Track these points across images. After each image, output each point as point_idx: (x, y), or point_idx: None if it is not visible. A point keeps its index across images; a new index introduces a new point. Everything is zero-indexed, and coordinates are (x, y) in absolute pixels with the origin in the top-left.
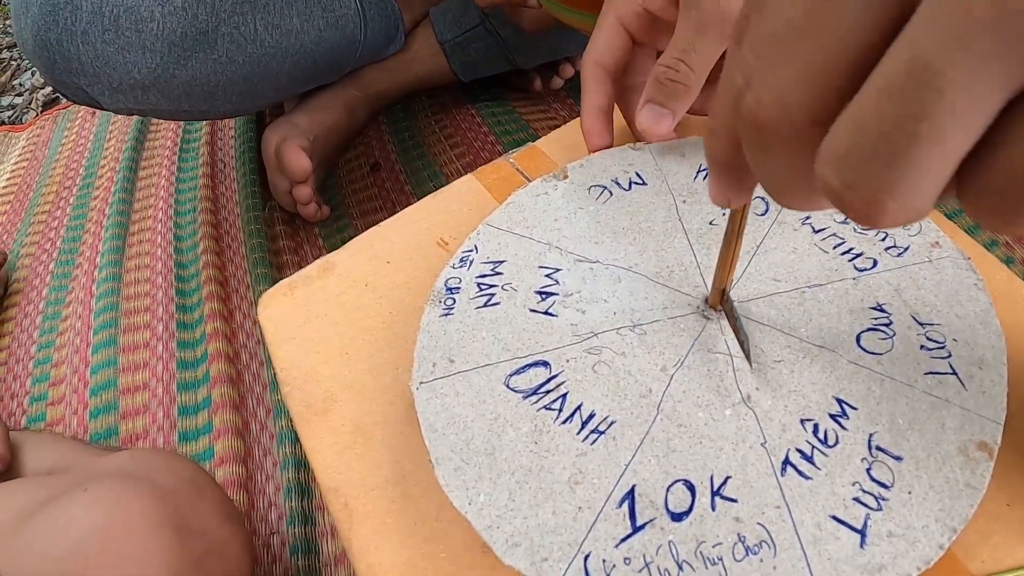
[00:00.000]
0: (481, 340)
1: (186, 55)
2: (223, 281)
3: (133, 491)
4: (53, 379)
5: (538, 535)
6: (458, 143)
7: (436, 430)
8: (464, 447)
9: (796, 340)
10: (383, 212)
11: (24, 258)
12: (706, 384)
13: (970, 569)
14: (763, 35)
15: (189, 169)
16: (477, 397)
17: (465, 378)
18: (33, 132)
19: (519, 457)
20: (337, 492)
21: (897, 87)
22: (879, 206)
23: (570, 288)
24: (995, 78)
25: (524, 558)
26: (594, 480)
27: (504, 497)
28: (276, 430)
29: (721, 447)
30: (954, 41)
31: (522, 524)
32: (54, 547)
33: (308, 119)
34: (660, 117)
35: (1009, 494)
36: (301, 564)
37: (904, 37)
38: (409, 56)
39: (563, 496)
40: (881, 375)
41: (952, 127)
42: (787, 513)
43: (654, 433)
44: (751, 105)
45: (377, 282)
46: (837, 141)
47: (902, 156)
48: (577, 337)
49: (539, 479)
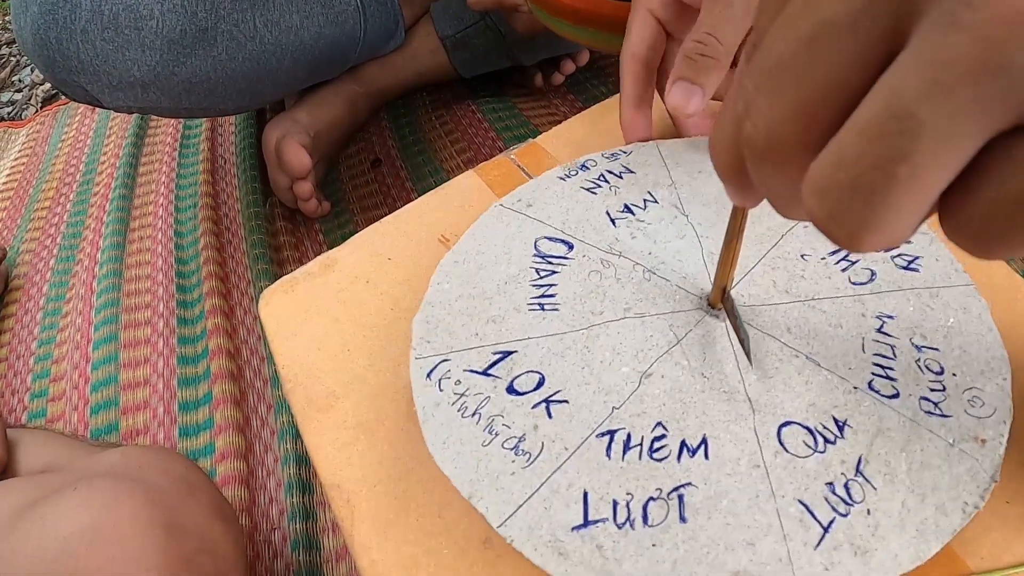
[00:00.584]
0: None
1: (186, 53)
2: (224, 277)
3: (123, 491)
4: (54, 375)
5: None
6: (459, 139)
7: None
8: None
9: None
10: (384, 208)
11: (24, 254)
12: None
13: (969, 565)
14: (760, 68)
15: (189, 165)
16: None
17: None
18: (33, 128)
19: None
20: (339, 488)
21: (877, 130)
22: (859, 237)
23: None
24: (974, 125)
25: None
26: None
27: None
28: (277, 426)
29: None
30: (935, 90)
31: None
32: (43, 547)
33: (309, 115)
34: (691, 94)
35: (1008, 492)
36: (302, 560)
37: (886, 81)
38: (410, 52)
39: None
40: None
41: (930, 169)
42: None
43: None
44: (750, 131)
45: (378, 278)
46: (821, 174)
47: (881, 194)
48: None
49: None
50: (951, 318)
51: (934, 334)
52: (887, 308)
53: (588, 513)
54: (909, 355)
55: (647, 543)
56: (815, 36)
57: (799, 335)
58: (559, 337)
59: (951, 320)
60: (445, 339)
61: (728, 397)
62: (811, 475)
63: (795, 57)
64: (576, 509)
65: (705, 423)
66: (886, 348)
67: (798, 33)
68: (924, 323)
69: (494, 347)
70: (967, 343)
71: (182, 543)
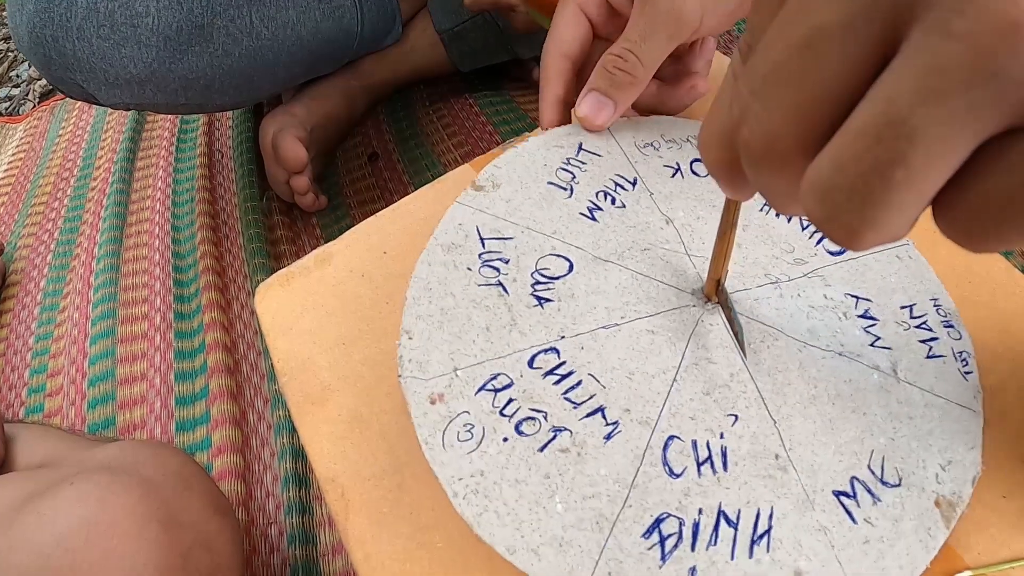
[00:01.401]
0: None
1: (182, 49)
2: (221, 271)
3: (119, 485)
4: (51, 370)
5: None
6: (456, 133)
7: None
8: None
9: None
10: (381, 202)
11: (22, 249)
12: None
13: (966, 560)
14: (756, 73)
15: (186, 160)
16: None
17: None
18: (30, 123)
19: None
20: (334, 482)
21: (874, 135)
22: (857, 236)
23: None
24: (967, 130)
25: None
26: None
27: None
28: (274, 420)
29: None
30: (929, 96)
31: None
32: (40, 542)
33: (306, 109)
34: (602, 107)
35: (1005, 486)
36: (299, 554)
37: (881, 87)
38: (407, 46)
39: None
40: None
41: (925, 172)
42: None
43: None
44: (747, 136)
45: (374, 272)
46: (819, 175)
47: (878, 196)
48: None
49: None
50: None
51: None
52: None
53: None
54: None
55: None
56: (810, 42)
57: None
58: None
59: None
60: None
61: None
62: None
63: (791, 63)
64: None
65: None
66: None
67: (793, 39)
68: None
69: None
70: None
71: (179, 537)
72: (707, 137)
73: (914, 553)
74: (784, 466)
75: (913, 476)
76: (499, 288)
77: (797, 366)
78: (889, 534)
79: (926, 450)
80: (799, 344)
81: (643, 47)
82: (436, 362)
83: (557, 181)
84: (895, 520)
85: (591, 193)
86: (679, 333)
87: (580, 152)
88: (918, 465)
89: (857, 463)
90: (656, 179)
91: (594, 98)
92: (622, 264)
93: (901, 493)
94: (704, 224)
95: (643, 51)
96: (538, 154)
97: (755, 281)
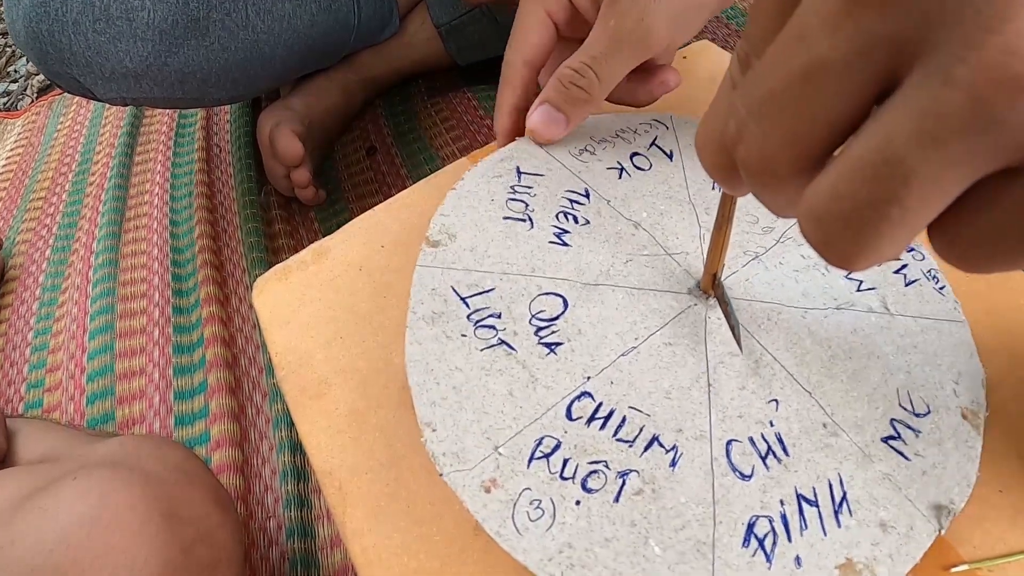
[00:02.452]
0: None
1: (178, 43)
2: (219, 266)
3: (121, 480)
4: (50, 365)
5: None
6: (454, 126)
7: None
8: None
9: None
10: (379, 196)
11: (20, 244)
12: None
13: (962, 554)
14: (752, 95)
15: (185, 154)
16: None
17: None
18: (29, 118)
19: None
20: (331, 475)
21: (871, 172)
22: (851, 261)
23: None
24: (962, 172)
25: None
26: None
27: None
28: (272, 414)
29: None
30: (927, 140)
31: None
32: (42, 537)
33: (303, 103)
34: (553, 122)
35: (1001, 481)
36: (297, 547)
37: (880, 124)
38: (405, 40)
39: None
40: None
41: (919, 210)
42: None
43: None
44: (743, 153)
45: (371, 266)
46: (816, 201)
47: (872, 227)
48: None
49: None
50: None
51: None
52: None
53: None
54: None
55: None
56: (809, 74)
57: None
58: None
59: None
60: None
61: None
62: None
63: (788, 91)
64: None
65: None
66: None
67: (791, 68)
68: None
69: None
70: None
71: (180, 531)
72: (704, 141)
73: (964, 467)
74: (834, 431)
75: (936, 399)
76: (503, 347)
77: (807, 333)
78: (939, 459)
79: (938, 371)
80: (800, 311)
81: (603, 64)
82: (473, 447)
83: (512, 214)
84: (938, 444)
85: (551, 218)
86: (694, 337)
87: (521, 177)
88: (937, 388)
89: (890, 405)
90: (606, 185)
91: (546, 111)
92: (613, 284)
93: (933, 419)
94: (669, 218)
95: (603, 69)
96: (480, 191)
97: (738, 261)
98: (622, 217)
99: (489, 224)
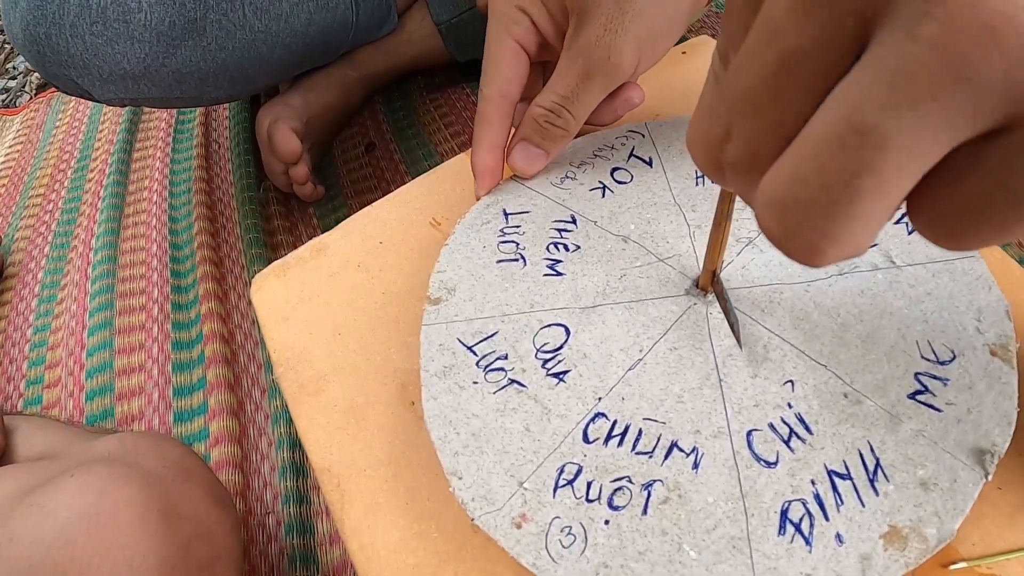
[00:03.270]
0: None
1: (175, 44)
2: (218, 262)
3: (120, 477)
4: (49, 362)
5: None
6: (453, 122)
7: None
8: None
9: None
10: (378, 192)
11: (19, 241)
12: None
13: (961, 552)
14: (732, 96)
15: (184, 150)
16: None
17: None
18: (27, 115)
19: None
20: (329, 472)
21: (838, 143)
22: (818, 252)
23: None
24: (940, 135)
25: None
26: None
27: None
28: (271, 410)
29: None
30: (899, 102)
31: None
32: (41, 534)
33: (302, 99)
34: (534, 159)
35: (1000, 478)
36: (296, 543)
37: (843, 93)
38: (405, 37)
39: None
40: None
41: (896, 179)
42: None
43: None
44: (730, 154)
45: (369, 263)
46: (775, 190)
47: (843, 208)
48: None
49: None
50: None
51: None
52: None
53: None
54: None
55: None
56: (782, 66)
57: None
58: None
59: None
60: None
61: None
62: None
63: (765, 85)
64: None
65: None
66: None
67: (764, 61)
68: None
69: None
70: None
71: (179, 528)
72: (694, 142)
73: (1001, 406)
74: (856, 399)
75: (960, 342)
76: (514, 386)
77: (813, 307)
78: (972, 403)
79: (957, 312)
80: (803, 287)
81: (576, 103)
82: (499, 487)
83: (505, 256)
84: (969, 388)
85: (542, 251)
86: (697, 336)
87: (508, 218)
88: (959, 330)
89: (911, 359)
90: (591, 207)
91: (525, 149)
92: (611, 302)
93: (960, 363)
94: (657, 225)
95: (576, 107)
96: (472, 241)
97: (733, 250)
98: (610, 235)
99: (484, 271)
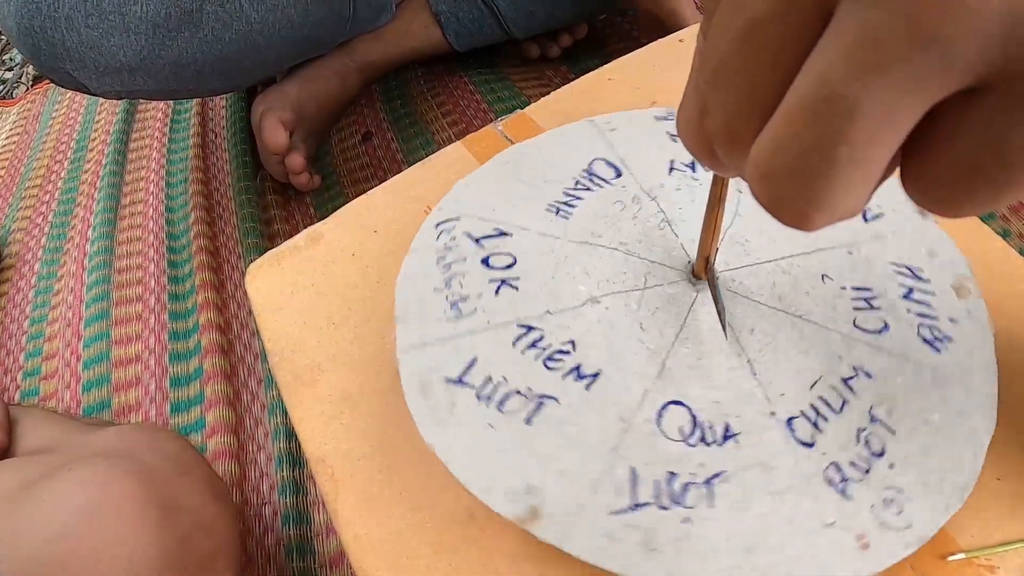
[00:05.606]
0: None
1: (171, 36)
2: (214, 252)
3: (119, 471)
4: (46, 353)
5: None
6: (451, 111)
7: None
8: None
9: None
10: (375, 181)
11: (16, 233)
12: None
13: (960, 543)
14: (707, 68)
15: (180, 140)
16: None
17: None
18: (24, 106)
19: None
20: (324, 462)
21: (811, 112)
22: (807, 218)
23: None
24: (912, 99)
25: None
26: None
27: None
28: (267, 400)
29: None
30: (865, 68)
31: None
32: (40, 528)
33: (298, 89)
34: None
35: (999, 468)
36: (292, 534)
37: (813, 63)
38: (403, 27)
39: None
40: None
41: (870, 147)
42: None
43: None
44: (710, 126)
45: (364, 252)
46: (760, 156)
47: (823, 175)
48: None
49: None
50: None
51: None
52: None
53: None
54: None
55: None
56: (748, 33)
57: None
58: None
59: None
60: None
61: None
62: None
63: (734, 55)
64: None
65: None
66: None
67: (732, 32)
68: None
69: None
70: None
71: (178, 522)
72: (682, 123)
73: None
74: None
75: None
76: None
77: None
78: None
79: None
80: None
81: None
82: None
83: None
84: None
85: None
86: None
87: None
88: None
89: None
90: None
91: None
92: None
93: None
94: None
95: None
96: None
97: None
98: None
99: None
